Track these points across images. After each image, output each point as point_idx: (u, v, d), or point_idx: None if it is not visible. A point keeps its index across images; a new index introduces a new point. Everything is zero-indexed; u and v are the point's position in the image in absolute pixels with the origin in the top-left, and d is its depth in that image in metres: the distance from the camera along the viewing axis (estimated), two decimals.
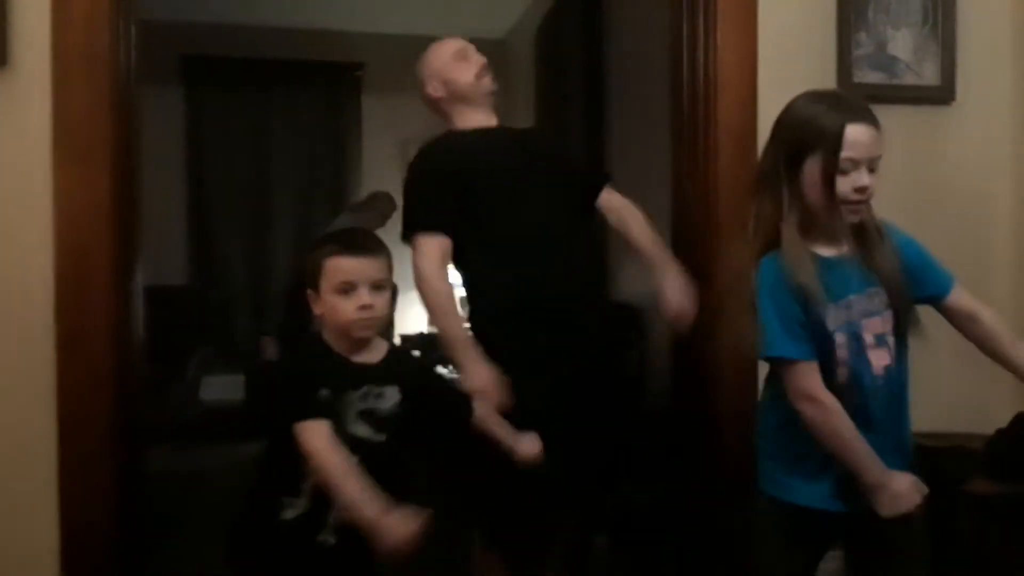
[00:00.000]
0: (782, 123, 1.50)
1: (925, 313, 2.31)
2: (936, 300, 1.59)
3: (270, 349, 4.56)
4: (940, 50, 2.37)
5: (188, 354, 5.19)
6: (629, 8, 4.06)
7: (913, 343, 1.58)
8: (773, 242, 1.48)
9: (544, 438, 1.78)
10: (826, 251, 1.49)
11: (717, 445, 2.25)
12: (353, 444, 1.56)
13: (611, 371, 2.28)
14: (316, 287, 1.61)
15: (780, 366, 1.49)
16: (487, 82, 2.26)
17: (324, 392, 1.56)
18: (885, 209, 2.34)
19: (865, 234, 1.50)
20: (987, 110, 2.42)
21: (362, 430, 1.59)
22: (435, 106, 2.34)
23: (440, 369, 5.07)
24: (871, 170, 1.45)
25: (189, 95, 5.77)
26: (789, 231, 1.46)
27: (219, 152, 5.81)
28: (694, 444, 2.35)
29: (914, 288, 1.53)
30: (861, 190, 1.44)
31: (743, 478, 2.19)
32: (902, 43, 2.36)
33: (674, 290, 2.07)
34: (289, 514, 1.58)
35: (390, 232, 2.28)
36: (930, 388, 1.69)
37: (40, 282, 1.97)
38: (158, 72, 5.16)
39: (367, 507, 1.45)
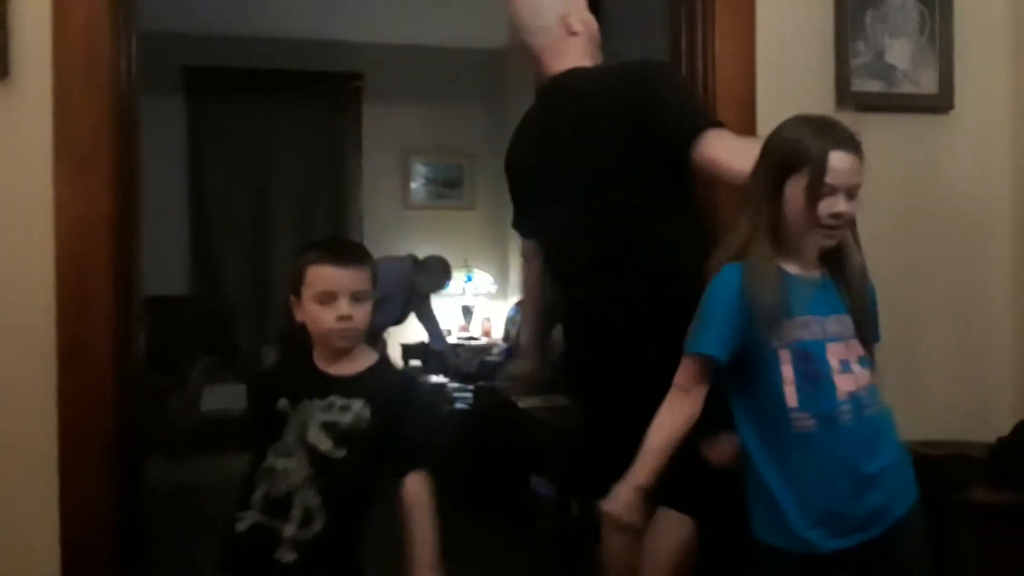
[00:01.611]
0: (769, 143, 1.52)
1: (931, 319, 2.34)
2: None
3: (271, 358, 4.57)
4: (937, 59, 2.37)
5: (189, 364, 5.19)
6: (627, 18, 4.07)
7: (916, 354, 1.59)
8: (743, 254, 1.49)
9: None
10: (793, 269, 1.51)
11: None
12: (311, 456, 1.54)
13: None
14: (298, 294, 1.60)
15: (691, 360, 1.49)
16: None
17: (282, 401, 1.57)
18: (883, 217, 2.36)
19: (844, 261, 1.52)
20: (985, 119, 2.42)
21: (322, 442, 1.55)
22: (557, 45, 1.92)
23: (436, 378, 5.10)
24: (851, 197, 1.47)
25: (190, 106, 5.79)
26: (761, 245, 1.47)
27: (220, 162, 5.82)
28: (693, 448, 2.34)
29: None
30: (836, 216, 1.46)
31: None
32: (900, 52, 2.37)
33: None
34: (241, 526, 1.56)
35: None
36: (931, 396, 1.69)
37: (41, 293, 1.97)
38: (159, 83, 5.18)
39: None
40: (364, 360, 1.64)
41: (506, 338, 5.42)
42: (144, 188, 2.25)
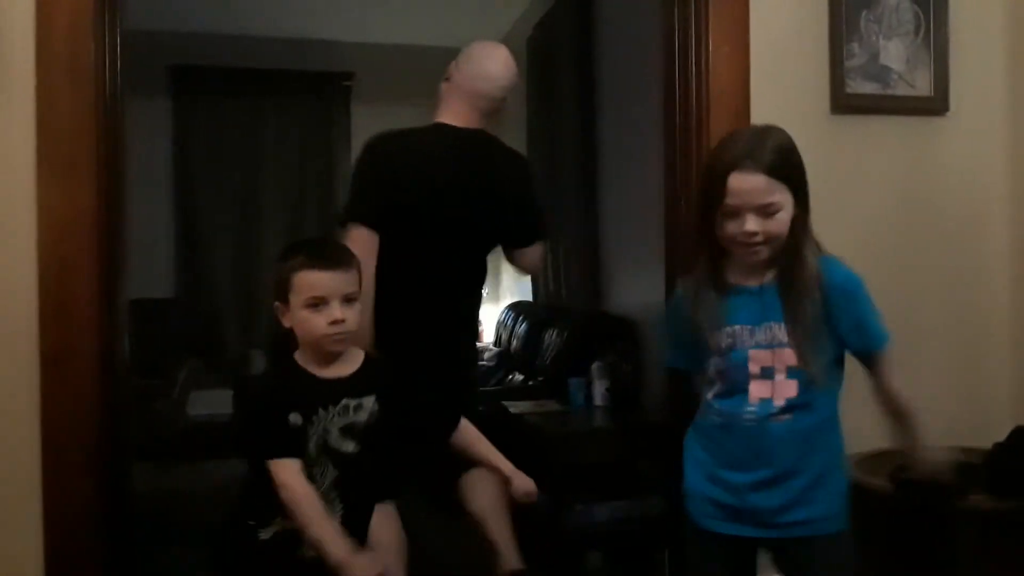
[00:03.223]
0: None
1: (927, 322, 2.33)
2: (861, 357, 1.59)
3: (258, 362, 4.52)
4: (932, 60, 2.37)
5: (175, 369, 5.14)
6: (622, 17, 4.05)
7: (912, 360, 1.59)
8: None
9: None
10: (740, 280, 1.55)
11: None
12: (334, 459, 1.56)
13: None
14: (285, 300, 1.58)
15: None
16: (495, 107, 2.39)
17: (294, 417, 1.54)
18: (879, 219, 2.35)
19: (790, 269, 1.51)
20: (980, 120, 2.41)
21: (344, 445, 1.57)
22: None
23: None
24: (766, 215, 1.46)
25: (176, 106, 5.74)
26: (701, 265, 1.58)
27: (207, 163, 5.76)
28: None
29: (839, 337, 1.54)
30: (748, 235, 1.47)
31: None
32: (894, 53, 2.35)
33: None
34: (265, 535, 1.57)
35: None
36: (928, 402, 1.68)
37: (24, 296, 1.94)
38: (145, 83, 5.12)
39: (337, 547, 1.45)
40: (356, 358, 1.64)
41: (497, 342, 5.39)
42: (129, 190, 2.22)
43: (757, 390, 1.52)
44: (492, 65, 2.33)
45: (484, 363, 5.07)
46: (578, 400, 3.61)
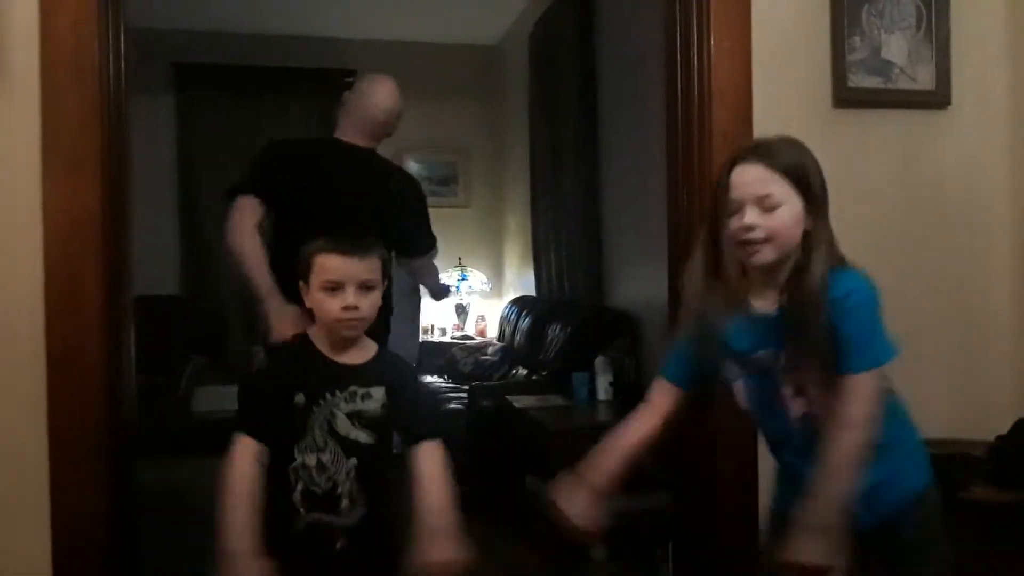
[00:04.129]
0: None
1: (929, 316, 2.33)
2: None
3: (261, 359, 4.52)
4: (934, 54, 2.36)
5: (180, 366, 5.15)
6: (623, 15, 4.05)
7: (914, 352, 1.56)
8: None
9: None
10: (756, 302, 1.47)
11: (715, 452, 2.23)
12: (345, 447, 1.57)
13: None
14: (307, 281, 1.61)
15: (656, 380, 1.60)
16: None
17: (299, 397, 1.56)
18: (880, 213, 2.35)
19: (796, 286, 1.42)
20: (982, 114, 2.41)
21: (353, 432, 1.58)
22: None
23: (433, 378, 5.08)
24: (766, 209, 1.39)
25: (180, 103, 5.75)
26: (700, 286, 1.50)
27: (210, 160, 5.76)
28: (691, 453, 2.33)
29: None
30: (746, 229, 1.40)
31: (741, 486, 2.19)
32: (896, 47, 2.35)
33: None
34: (298, 525, 1.58)
35: None
36: (930, 395, 1.68)
37: (29, 293, 1.95)
38: (149, 80, 5.15)
39: (235, 540, 1.45)
40: (369, 348, 1.66)
41: (501, 337, 5.40)
42: (134, 187, 2.23)
43: (796, 407, 1.46)
44: (377, 96, 2.63)
45: (488, 357, 5.08)
46: (582, 395, 3.62)
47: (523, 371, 4.51)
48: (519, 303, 5.34)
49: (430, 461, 1.60)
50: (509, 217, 6.13)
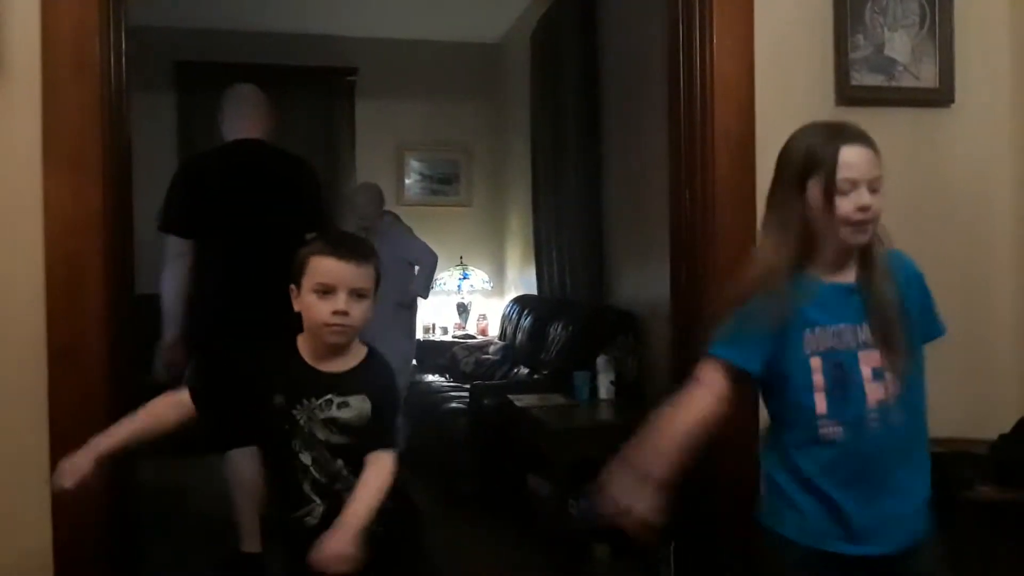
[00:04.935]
0: (783, 155, 1.52)
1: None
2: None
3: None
4: (937, 52, 2.36)
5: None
6: (625, 13, 4.05)
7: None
8: (775, 271, 1.48)
9: None
10: (830, 277, 1.49)
11: (716, 449, 2.22)
12: (330, 449, 1.57)
13: None
14: (299, 283, 1.59)
15: (704, 360, 1.51)
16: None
17: (279, 398, 1.57)
18: (885, 209, 2.33)
19: (869, 264, 1.49)
20: (985, 112, 2.41)
21: (332, 437, 1.57)
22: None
23: (434, 377, 5.07)
24: (873, 191, 1.45)
25: (181, 101, 5.74)
26: (776, 257, 1.47)
27: None
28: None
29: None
30: (863, 209, 1.44)
31: (742, 484, 2.18)
32: (899, 45, 2.35)
33: None
34: (312, 520, 1.58)
35: None
36: (933, 393, 1.67)
37: (31, 291, 1.95)
38: (150, 78, 5.14)
39: (85, 452, 1.57)
40: (356, 355, 1.63)
41: (502, 336, 5.40)
42: (135, 184, 2.23)
43: (874, 392, 1.44)
44: (235, 100, 3.29)
45: (489, 356, 5.08)
46: (583, 394, 3.62)
47: (524, 370, 4.51)
48: (521, 302, 5.34)
49: (374, 468, 1.56)
50: (511, 216, 6.13)
